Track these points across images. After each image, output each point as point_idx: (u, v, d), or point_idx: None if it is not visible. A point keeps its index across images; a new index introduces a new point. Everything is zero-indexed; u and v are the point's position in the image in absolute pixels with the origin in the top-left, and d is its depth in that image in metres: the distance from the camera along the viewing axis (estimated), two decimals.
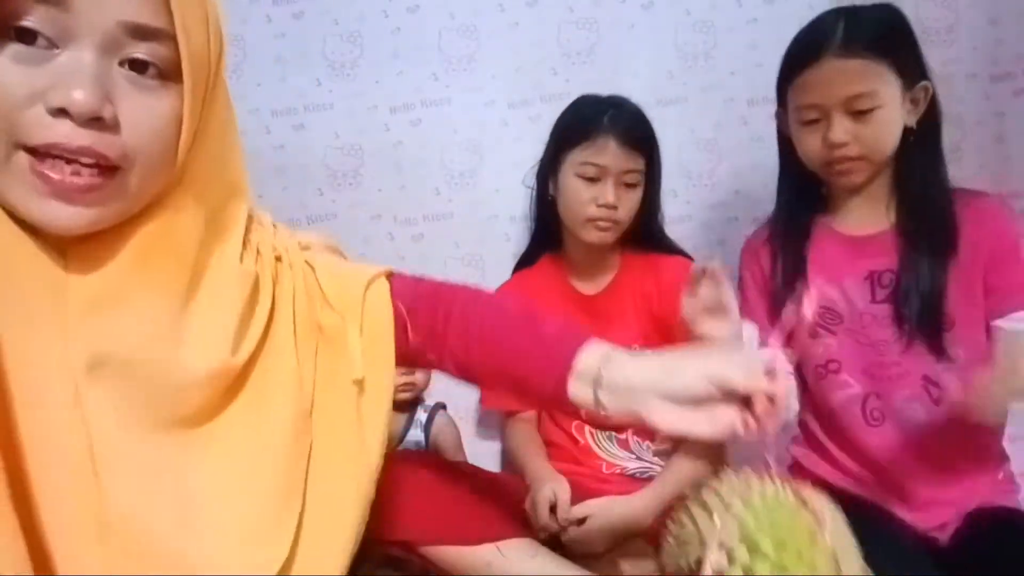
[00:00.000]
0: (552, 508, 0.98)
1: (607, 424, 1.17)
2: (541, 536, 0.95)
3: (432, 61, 1.45)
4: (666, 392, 0.60)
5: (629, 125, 1.14)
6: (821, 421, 1.07)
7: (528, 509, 0.96)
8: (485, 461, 1.44)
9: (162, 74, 0.55)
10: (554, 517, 0.97)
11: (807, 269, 1.04)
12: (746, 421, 0.58)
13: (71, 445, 0.53)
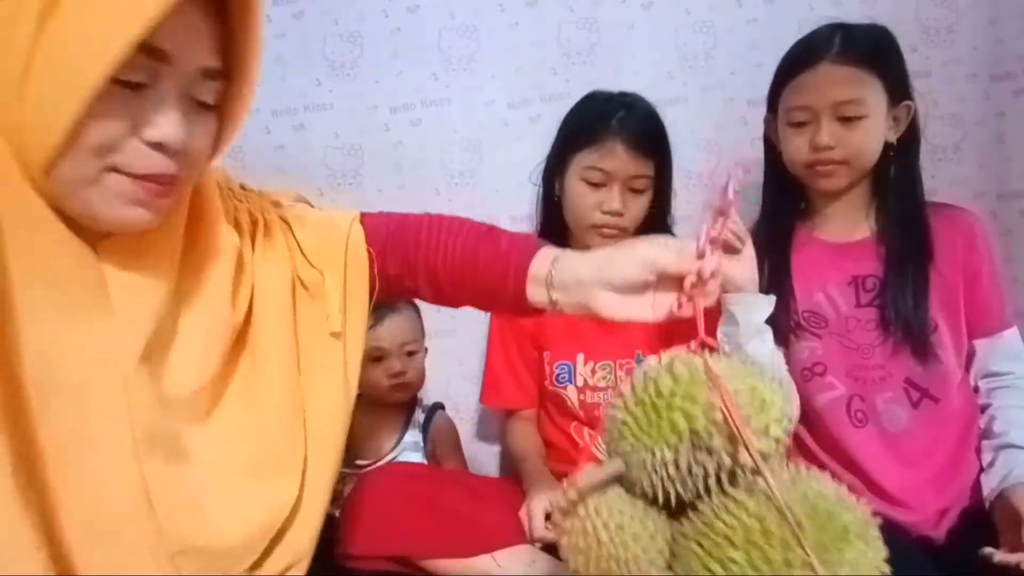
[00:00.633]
0: (548, 516, 0.94)
1: None
2: (539, 544, 0.94)
3: (432, 61, 1.45)
4: (607, 281, 0.64)
5: (639, 128, 1.10)
6: (808, 425, 1.08)
7: (523, 518, 0.94)
8: (484, 461, 1.44)
9: (214, 101, 0.64)
10: (550, 526, 0.92)
11: (791, 274, 1.07)
12: (679, 299, 0.61)
13: (117, 429, 0.58)
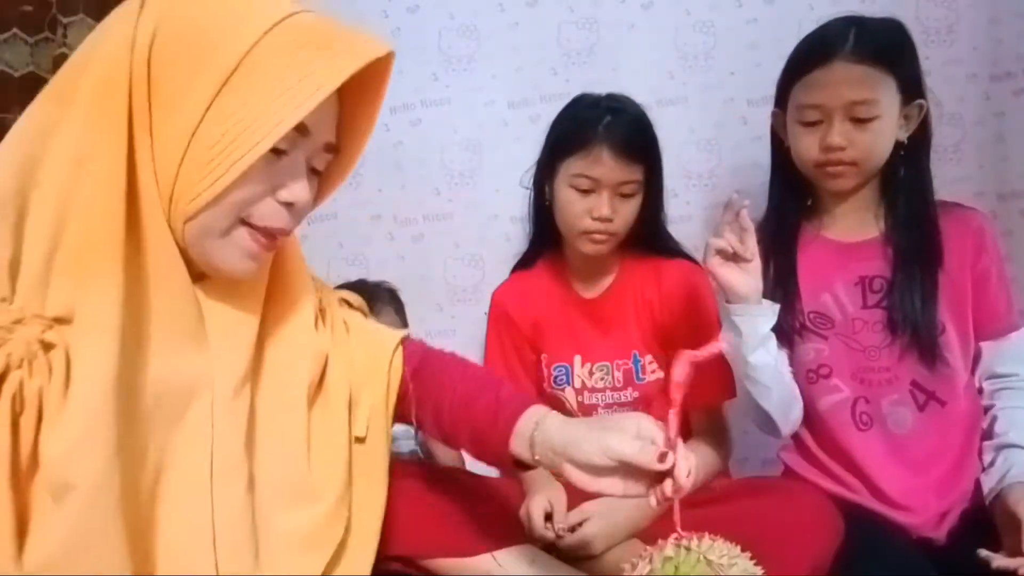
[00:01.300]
0: (548, 516, 0.94)
1: None
2: (538, 544, 0.93)
3: (432, 61, 1.46)
4: (573, 459, 0.67)
5: (626, 134, 1.08)
6: (811, 427, 1.07)
7: (523, 518, 0.94)
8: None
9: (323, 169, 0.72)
10: (550, 526, 0.93)
11: (796, 274, 1.06)
12: (656, 497, 0.63)
13: (200, 453, 0.65)
